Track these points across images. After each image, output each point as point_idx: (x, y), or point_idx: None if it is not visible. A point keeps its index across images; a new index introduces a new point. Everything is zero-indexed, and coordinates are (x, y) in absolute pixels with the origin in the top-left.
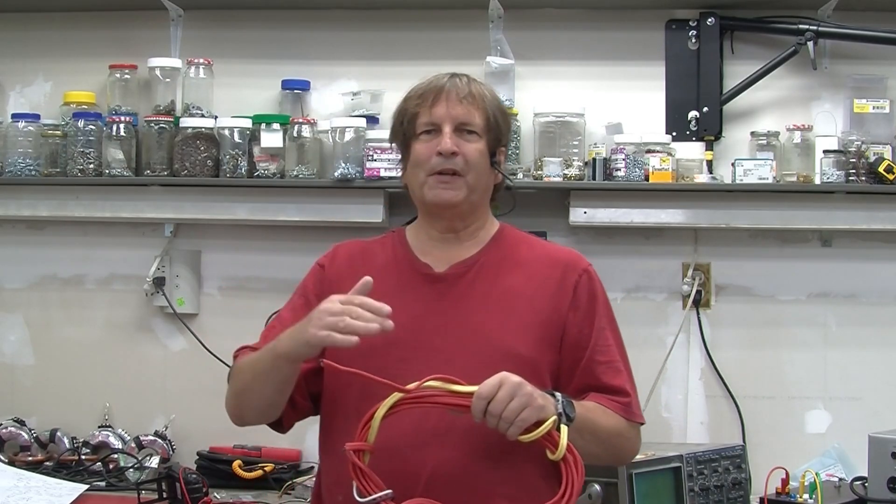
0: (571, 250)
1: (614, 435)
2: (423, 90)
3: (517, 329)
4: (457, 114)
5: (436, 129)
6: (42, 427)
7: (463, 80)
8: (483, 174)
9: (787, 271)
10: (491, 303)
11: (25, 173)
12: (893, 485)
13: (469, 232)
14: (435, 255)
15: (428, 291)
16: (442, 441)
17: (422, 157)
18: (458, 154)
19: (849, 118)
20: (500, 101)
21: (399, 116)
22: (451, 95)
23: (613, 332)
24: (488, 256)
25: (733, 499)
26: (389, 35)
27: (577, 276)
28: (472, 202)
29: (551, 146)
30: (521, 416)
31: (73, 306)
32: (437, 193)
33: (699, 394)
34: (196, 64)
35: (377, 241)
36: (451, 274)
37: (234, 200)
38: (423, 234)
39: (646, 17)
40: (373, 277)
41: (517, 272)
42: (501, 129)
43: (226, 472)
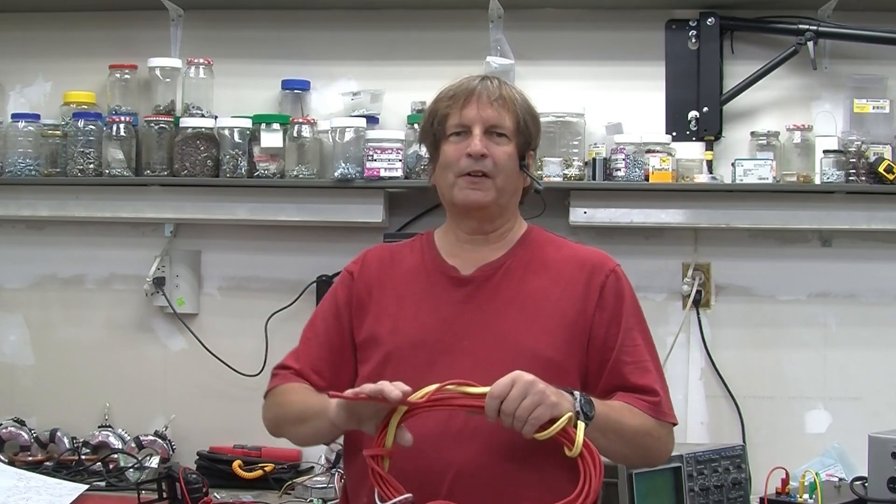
0: (599, 251)
1: (641, 434)
2: (455, 91)
3: (543, 331)
4: (487, 116)
5: (466, 130)
6: (42, 427)
7: (494, 82)
8: (512, 177)
9: (787, 271)
10: (517, 305)
11: (25, 173)
12: (893, 485)
13: (498, 234)
14: (462, 258)
15: (455, 294)
16: (467, 442)
17: (451, 159)
18: (488, 156)
19: (849, 118)
20: (531, 104)
21: (429, 117)
22: (482, 98)
23: (642, 332)
24: (515, 259)
25: (733, 499)
26: (389, 35)
27: (605, 277)
28: (500, 204)
29: (551, 146)
30: (535, 413)
31: (73, 306)
32: (466, 194)
33: (699, 394)
34: (196, 64)
35: (406, 244)
36: (478, 276)
37: (234, 200)
38: (452, 236)
39: (646, 17)
40: (402, 281)
41: (544, 274)
42: (531, 132)
43: (226, 472)
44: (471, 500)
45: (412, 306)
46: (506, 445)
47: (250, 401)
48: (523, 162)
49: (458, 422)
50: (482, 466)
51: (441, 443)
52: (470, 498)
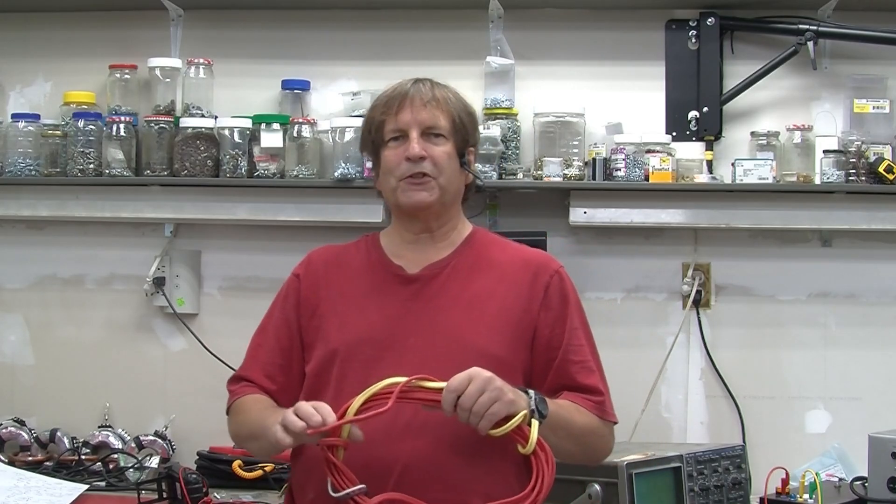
0: (543, 252)
1: (588, 433)
2: (388, 98)
3: (490, 329)
4: (422, 118)
5: (403, 135)
6: (42, 427)
7: (426, 84)
8: (453, 175)
9: (787, 271)
10: (463, 303)
11: (25, 173)
12: (893, 485)
13: (443, 232)
14: (408, 258)
15: (402, 292)
16: (416, 435)
17: (392, 164)
18: (427, 158)
19: (849, 118)
20: (466, 102)
21: (366, 126)
22: (415, 101)
23: (585, 332)
24: (461, 258)
25: (733, 499)
26: (389, 35)
27: (549, 277)
28: (444, 203)
29: (551, 146)
30: (491, 409)
31: (73, 306)
32: (409, 196)
33: (699, 394)
34: (196, 64)
35: (351, 245)
36: (425, 275)
37: (234, 200)
38: (397, 237)
39: (646, 17)
40: (348, 281)
41: (489, 274)
42: (468, 129)
43: (226, 472)
44: (419, 493)
45: (359, 305)
46: (454, 439)
47: None
48: (463, 159)
49: (405, 416)
50: (430, 460)
51: (389, 436)
52: (418, 492)
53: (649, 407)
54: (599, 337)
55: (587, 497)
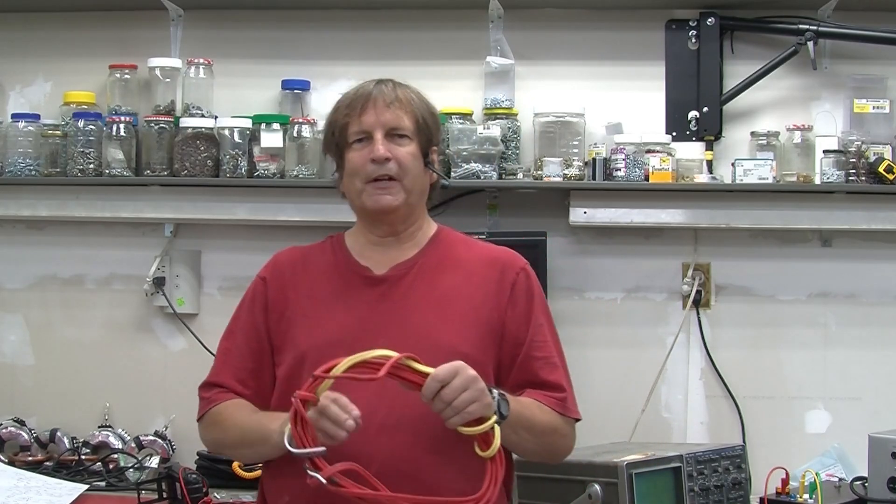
0: (508, 249)
1: (549, 431)
2: (351, 99)
3: (459, 327)
4: (386, 120)
5: (367, 136)
6: (42, 427)
7: (389, 85)
8: (418, 176)
9: (787, 271)
10: (432, 303)
11: (25, 173)
12: (893, 485)
13: (409, 233)
14: (374, 259)
15: (369, 294)
16: (392, 433)
17: (356, 166)
18: (392, 159)
19: (849, 118)
20: (428, 102)
21: (329, 128)
22: (378, 102)
23: (550, 329)
24: (427, 258)
25: (733, 499)
26: (389, 35)
27: (515, 275)
28: (410, 204)
29: (551, 146)
30: (469, 408)
31: (73, 306)
32: (375, 199)
33: (699, 394)
34: (196, 64)
35: (315, 246)
36: (392, 276)
37: (234, 200)
38: (362, 239)
39: (646, 17)
40: (315, 283)
41: (456, 272)
42: (431, 129)
43: (226, 472)
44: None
45: (327, 306)
46: (429, 438)
47: None
48: (427, 159)
49: (381, 414)
50: (406, 458)
51: (365, 433)
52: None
53: (649, 407)
54: (599, 337)
55: (587, 497)
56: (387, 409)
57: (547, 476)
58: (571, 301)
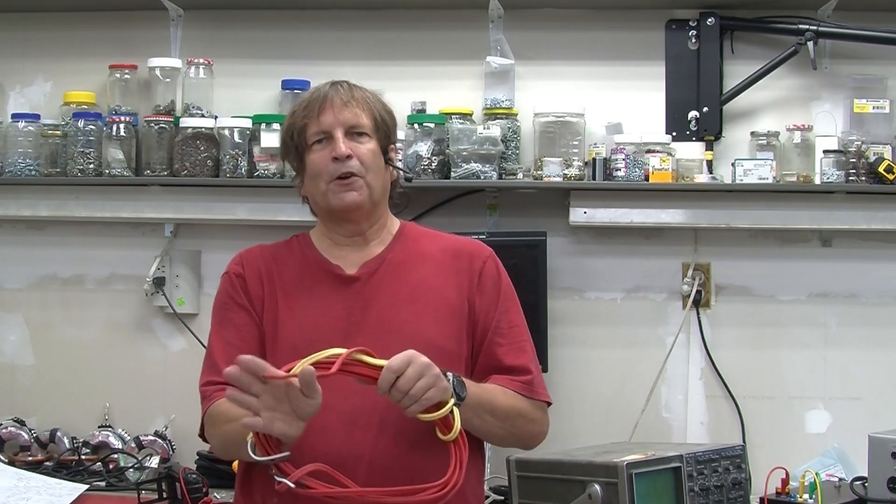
0: (473, 239)
1: (514, 415)
2: (308, 102)
3: (433, 320)
4: (345, 118)
5: (327, 136)
6: (42, 427)
7: (344, 85)
8: (380, 173)
9: (787, 271)
10: (404, 298)
11: (25, 173)
12: (893, 485)
13: (374, 231)
14: (343, 257)
15: (342, 292)
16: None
17: (319, 166)
18: (353, 156)
19: (849, 118)
20: (384, 101)
21: (288, 132)
22: (335, 102)
23: (517, 314)
24: (394, 253)
25: (733, 499)
26: (389, 35)
27: (482, 263)
28: (373, 201)
29: (551, 146)
30: (427, 395)
31: (73, 306)
32: (340, 198)
33: (699, 394)
34: (196, 64)
35: (281, 245)
36: (363, 274)
37: (234, 200)
38: (328, 241)
39: (646, 17)
40: (288, 282)
41: (425, 265)
42: (389, 127)
43: (226, 472)
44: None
45: (302, 308)
46: (413, 435)
47: None
48: (387, 156)
49: (365, 412)
50: (392, 454)
51: (351, 433)
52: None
53: (649, 407)
54: (599, 337)
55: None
56: (369, 409)
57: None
58: (571, 301)
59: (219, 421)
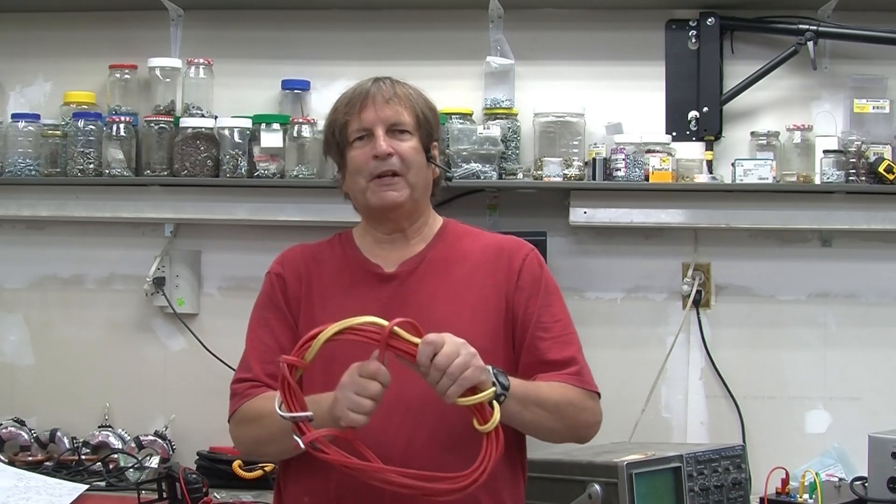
0: (515, 237)
1: (564, 404)
2: (350, 98)
3: (472, 320)
4: (386, 115)
5: (368, 133)
6: (42, 427)
7: (387, 82)
8: (421, 171)
9: (787, 271)
10: (443, 296)
11: (25, 173)
12: (893, 485)
13: (415, 229)
14: (383, 256)
15: (381, 291)
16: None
17: (359, 164)
18: (394, 154)
19: (849, 118)
20: (427, 97)
21: (329, 128)
22: (377, 99)
23: (561, 308)
24: (435, 252)
25: (733, 499)
26: (389, 35)
27: (521, 261)
28: (414, 200)
29: (551, 146)
30: (465, 374)
31: (73, 306)
32: (380, 196)
33: (699, 394)
34: (196, 64)
35: (324, 244)
36: (402, 272)
37: (234, 200)
38: (370, 238)
39: (646, 17)
40: (327, 280)
41: (465, 264)
42: (431, 124)
43: (226, 472)
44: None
45: (340, 306)
46: (448, 434)
47: None
48: (429, 154)
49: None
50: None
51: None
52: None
53: (649, 407)
54: (599, 337)
55: (587, 497)
56: (404, 406)
57: (547, 476)
58: (571, 301)
59: (250, 418)
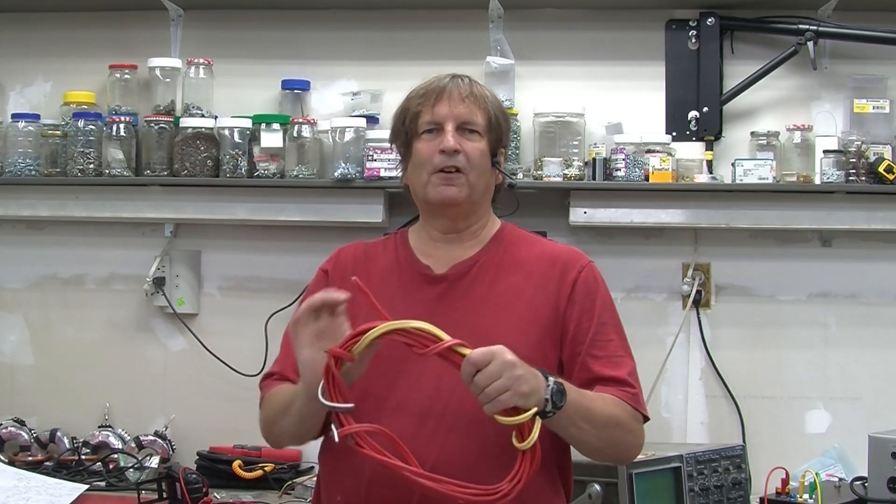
0: (572, 248)
1: (613, 424)
2: (426, 90)
3: (517, 328)
4: (459, 113)
5: (438, 127)
6: (42, 427)
7: (465, 80)
8: (484, 173)
9: (787, 271)
10: (491, 303)
11: (25, 173)
12: (893, 485)
13: (471, 231)
14: (436, 256)
15: (429, 292)
16: (445, 436)
17: (424, 156)
18: (461, 152)
19: (849, 118)
20: (501, 102)
21: (401, 116)
22: (453, 95)
23: (616, 328)
24: (488, 256)
25: (733, 499)
26: (389, 35)
27: (577, 273)
28: (473, 201)
29: (551, 146)
30: (501, 397)
31: (73, 306)
32: (440, 191)
33: (699, 394)
34: (196, 64)
35: (379, 242)
36: (452, 275)
37: (234, 200)
38: (425, 235)
39: (646, 17)
40: (376, 279)
41: (517, 271)
42: (502, 129)
43: (226, 472)
44: None
45: (386, 305)
46: (483, 441)
47: (250, 401)
48: (495, 159)
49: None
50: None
51: (418, 435)
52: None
53: (649, 407)
54: None
55: (587, 497)
56: (437, 416)
57: None
58: None
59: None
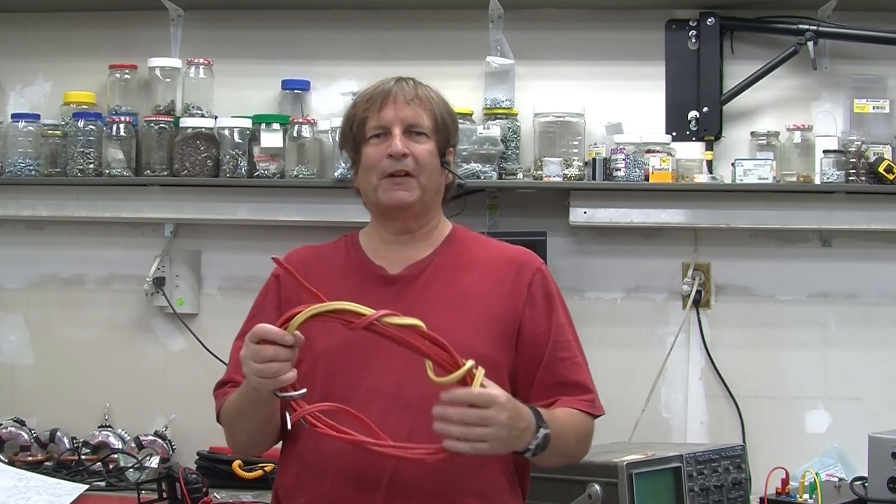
0: (525, 249)
1: (579, 442)
2: (371, 94)
3: (474, 328)
4: (405, 116)
5: (385, 132)
6: (42, 427)
7: (409, 83)
8: (434, 174)
9: (787, 271)
10: (447, 303)
11: (25, 173)
12: (893, 485)
13: (423, 232)
14: (389, 258)
15: (384, 293)
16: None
17: (373, 161)
18: (409, 155)
19: (849, 118)
20: (447, 102)
21: (348, 122)
22: (398, 98)
23: (571, 328)
24: (442, 257)
25: (733, 499)
26: (389, 35)
27: (532, 275)
28: (424, 202)
29: (551, 146)
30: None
31: (73, 306)
32: (391, 195)
33: (699, 394)
34: (196, 64)
35: (329, 245)
36: (406, 275)
37: (234, 200)
38: (377, 237)
39: (646, 17)
40: (329, 282)
41: (471, 272)
42: (450, 129)
43: (226, 472)
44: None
45: None
46: None
47: None
48: (444, 159)
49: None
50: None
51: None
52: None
53: (649, 407)
54: (599, 337)
55: (587, 497)
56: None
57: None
58: (571, 301)
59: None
